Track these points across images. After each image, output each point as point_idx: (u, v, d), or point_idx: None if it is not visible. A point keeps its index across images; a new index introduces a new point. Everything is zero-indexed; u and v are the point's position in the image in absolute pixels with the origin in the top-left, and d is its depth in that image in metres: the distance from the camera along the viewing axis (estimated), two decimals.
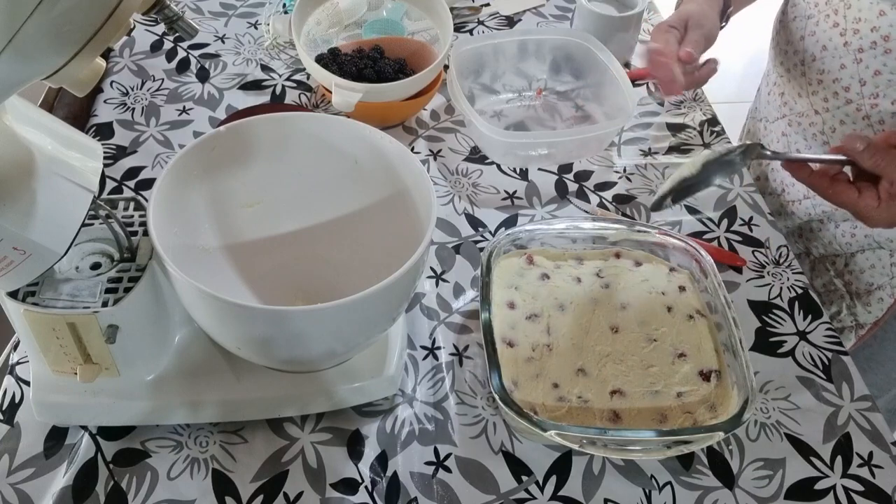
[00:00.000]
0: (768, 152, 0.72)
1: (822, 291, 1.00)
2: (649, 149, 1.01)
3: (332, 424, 0.70)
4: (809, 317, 0.82)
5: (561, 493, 0.67)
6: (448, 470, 0.68)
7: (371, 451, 0.69)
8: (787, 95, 0.95)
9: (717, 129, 1.04)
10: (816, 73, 0.88)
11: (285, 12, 1.16)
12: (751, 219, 0.92)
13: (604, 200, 0.94)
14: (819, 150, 0.92)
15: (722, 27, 0.94)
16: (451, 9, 1.06)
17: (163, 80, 1.05)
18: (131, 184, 0.91)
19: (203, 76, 1.06)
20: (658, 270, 0.81)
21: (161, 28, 1.13)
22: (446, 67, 0.99)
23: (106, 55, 1.08)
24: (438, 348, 0.77)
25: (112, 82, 1.04)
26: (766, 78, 1.04)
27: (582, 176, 0.97)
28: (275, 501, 0.65)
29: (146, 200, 0.62)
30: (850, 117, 0.86)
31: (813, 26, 0.87)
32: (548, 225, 0.82)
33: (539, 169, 0.97)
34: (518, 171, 0.97)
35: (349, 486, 0.67)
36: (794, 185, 0.98)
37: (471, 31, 1.18)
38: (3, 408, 0.70)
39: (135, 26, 1.12)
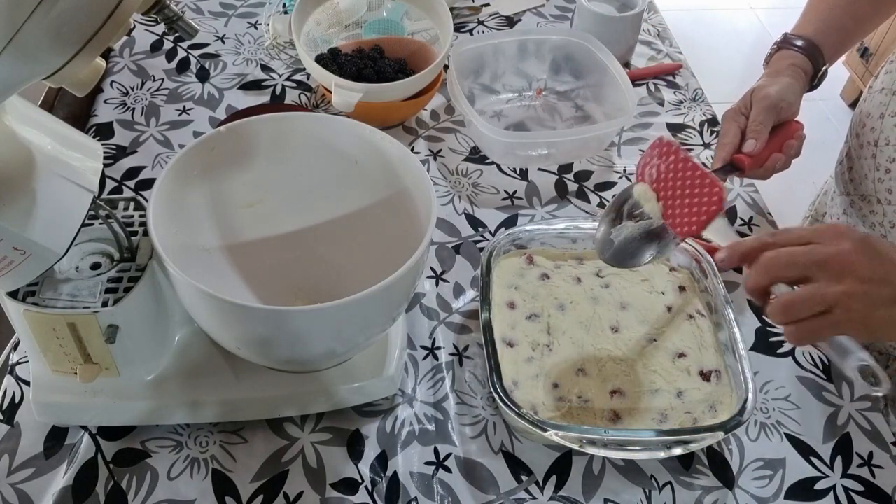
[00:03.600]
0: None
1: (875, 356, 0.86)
2: None
3: (332, 424, 0.70)
4: None
5: (561, 493, 0.67)
6: (448, 470, 0.68)
7: (371, 451, 0.69)
8: (855, 172, 0.83)
9: (717, 129, 1.04)
10: (887, 160, 0.77)
11: (285, 12, 1.16)
12: (751, 219, 0.92)
13: (604, 200, 0.94)
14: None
15: (814, 87, 0.83)
16: (451, 9, 1.06)
17: (163, 80, 1.05)
18: (131, 184, 0.91)
19: (203, 76, 1.06)
20: (658, 270, 0.81)
21: (161, 28, 1.13)
22: (446, 67, 0.99)
23: (106, 55, 1.08)
24: (438, 348, 0.77)
25: (112, 82, 1.04)
26: (845, 145, 0.89)
27: (582, 176, 0.97)
28: (275, 501, 0.65)
29: (146, 200, 0.62)
30: None
31: (895, 105, 0.76)
32: (548, 225, 0.82)
33: (539, 169, 0.97)
34: (518, 171, 0.97)
35: (349, 486, 0.67)
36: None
37: (471, 31, 1.18)
38: (3, 408, 0.70)
39: (135, 26, 1.13)
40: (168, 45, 1.11)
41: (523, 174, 0.96)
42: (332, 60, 0.99)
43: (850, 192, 0.86)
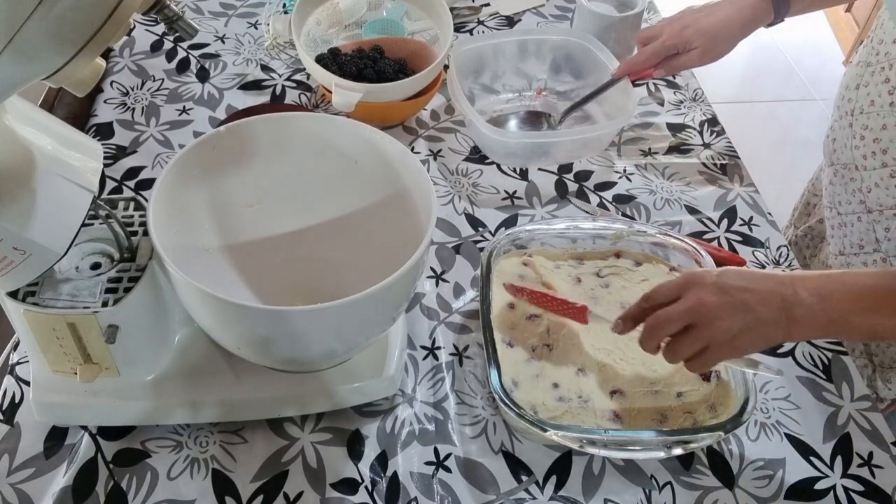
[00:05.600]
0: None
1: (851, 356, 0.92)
2: (649, 149, 1.01)
3: (332, 424, 0.70)
4: None
5: (561, 493, 0.67)
6: (448, 470, 0.68)
7: (371, 451, 0.69)
8: (838, 143, 0.88)
9: (717, 128, 1.04)
10: (861, 128, 0.82)
11: (285, 12, 1.16)
12: (751, 219, 0.92)
13: (604, 200, 0.94)
14: (857, 207, 0.86)
15: (774, 24, 0.92)
16: (451, 9, 1.06)
17: (163, 80, 1.05)
18: (131, 184, 0.91)
19: (203, 76, 1.06)
20: (658, 270, 0.81)
21: (161, 28, 1.13)
22: (446, 67, 0.99)
23: (106, 55, 1.08)
24: (438, 348, 0.77)
25: (112, 82, 1.04)
26: (831, 119, 0.95)
27: (582, 176, 0.97)
28: (275, 501, 0.65)
29: (146, 200, 0.61)
30: (884, 182, 0.80)
31: (868, 76, 0.81)
32: (548, 225, 0.82)
33: (539, 169, 0.97)
34: (518, 171, 0.97)
35: (349, 486, 0.67)
36: (832, 239, 0.92)
37: (471, 31, 1.18)
38: (3, 408, 0.70)
39: (135, 26, 1.13)
40: (168, 45, 1.11)
41: (523, 174, 0.96)
42: (332, 60, 0.99)
43: (834, 163, 0.90)
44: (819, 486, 0.68)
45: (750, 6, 0.89)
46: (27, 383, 0.70)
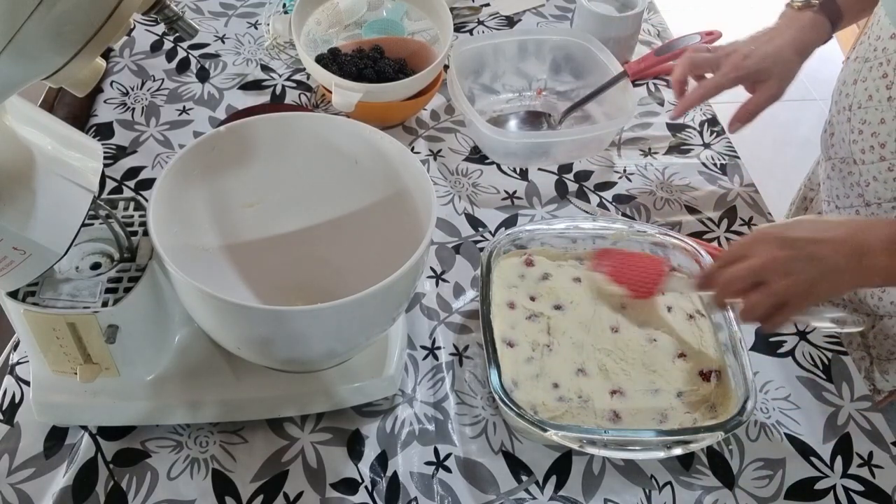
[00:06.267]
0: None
1: (846, 348, 0.92)
2: (649, 149, 1.01)
3: (332, 424, 0.70)
4: None
5: (561, 493, 0.67)
6: (448, 470, 0.68)
7: (371, 451, 0.69)
8: (836, 137, 0.89)
9: (717, 129, 1.04)
10: (859, 122, 0.82)
11: (285, 12, 1.16)
12: (751, 219, 0.92)
13: (604, 200, 0.94)
14: (855, 200, 0.87)
15: (826, 41, 0.87)
16: (451, 9, 1.06)
17: (163, 80, 1.05)
18: (131, 184, 0.91)
19: (203, 76, 1.06)
20: None
21: (161, 28, 1.13)
22: (446, 67, 0.99)
23: (106, 55, 1.08)
24: (438, 348, 0.77)
25: (112, 82, 1.04)
26: (829, 114, 0.94)
27: (582, 176, 0.97)
28: (275, 501, 0.65)
29: (146, 200, 0.61)
30: (882, 176, 0.81)
31: (866, 72, 0.82)
32: (548, 225, 0.82)
33: (539, 169, 0.97)
34: (518, 171, 0.97)
35: (349, 486, 0.67)
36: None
37: (471, 31, 1.18)
38: (3, 408, 0.70)
39: (135, 26, 1.13)
40: (168, 45, 1.11)
41: (523, 174, 0.96)
42: (332, 60, 0.99)
43: (831, 157, 0.90)
44: (819, 486, 0.68)
45: (810, 25, 0.85)
46: (27, 383, 0.70)
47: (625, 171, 0.98)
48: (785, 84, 0.85)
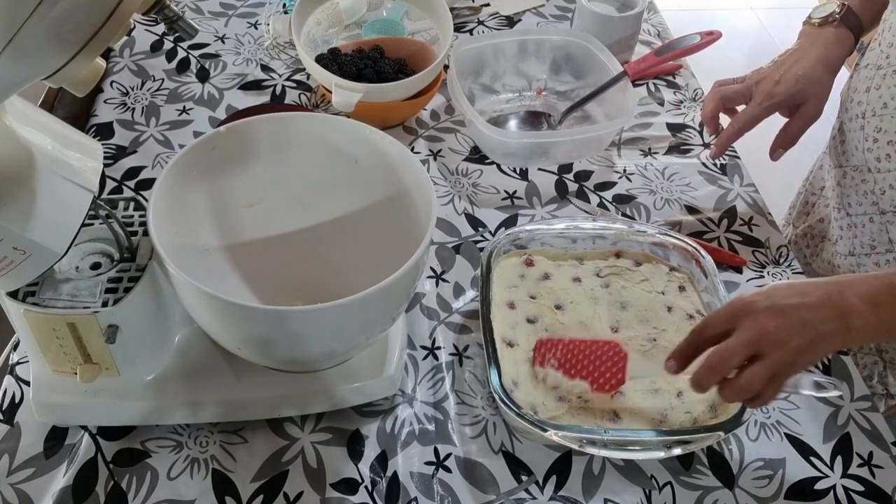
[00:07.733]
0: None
1: (856, 352, 0.93)
2: (649, 149, 1.01)
3: (332, 424, 0.70)
4: None
5: (561, 493, 0.67)
6: (448, 470, 0.68)
7: (371, 451, 0.69)
8: (847, 145, 0.87)
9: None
10: (873, 130, 0.81)
11: (285, 12, 1.16)
12: (751, 219, 0.92)
13: (604, 200, 0.94)
14: (869, 208, 0.85)
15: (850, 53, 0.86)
16: (451, 9, 1.06)
17: (163, 80, 1.05)
18: (131, 184, 0.91)
19: (203, 76, 1.06)
20: (658, 270, 0.81)
21: (161, 28, 1.13)
22: (446, 67, 0.99)
23: (106, 55, 1.08)
24: (438, 348, 0.77)
25: (112, 82, 1.04)
26: (836, 120, 0.94)
27: (582, 176, 0.97)
28: (275, 501, 0.65)
29: (146, 200, 0.62)
30: None
31: (879, 79, 0.81)
32: (548, 225, 0.82)
33: (539, 169, 0.97)
34: (518, 171, 0.97)
35: (349, 486, 0.67)
36: (840, 240, 0.92)
37: (471, 31, 1.18)
38: (3, 408, 0.70)
39: (135, 26, 1.13)
40: (168, 45, 1.11)
41: (523, 174, 0.96)
42: (332, 60, 0.99)
43: (842, 164, 0.89)
44: (819, 486, 0.68)
45: (834, 40, 0.84)
46: (27, 383, 0.70)
47: (625, 171, 0.98)
48: (822, 103, 0.84)
